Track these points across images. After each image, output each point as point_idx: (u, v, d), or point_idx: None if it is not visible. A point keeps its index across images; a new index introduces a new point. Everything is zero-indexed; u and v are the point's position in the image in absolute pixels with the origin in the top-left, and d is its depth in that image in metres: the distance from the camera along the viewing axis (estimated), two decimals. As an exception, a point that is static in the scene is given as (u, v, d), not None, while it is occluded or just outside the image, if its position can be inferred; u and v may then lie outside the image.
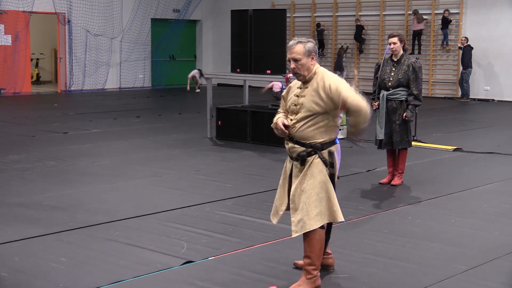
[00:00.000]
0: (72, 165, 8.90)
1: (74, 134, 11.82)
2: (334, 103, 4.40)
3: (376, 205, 6.96)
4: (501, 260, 5.21)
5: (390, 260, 5.14)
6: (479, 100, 19.15)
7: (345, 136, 5.03)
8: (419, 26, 19.89)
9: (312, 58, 4.48)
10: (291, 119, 4.53)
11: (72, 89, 21.19)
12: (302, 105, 4.46)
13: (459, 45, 18.98)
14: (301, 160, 4.49)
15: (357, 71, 18.62)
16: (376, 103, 7.79)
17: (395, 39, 7.58)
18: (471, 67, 18.67)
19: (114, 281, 4.65)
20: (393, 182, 7.89)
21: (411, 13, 20.23)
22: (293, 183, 4.56)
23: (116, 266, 4.95)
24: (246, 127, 11.04)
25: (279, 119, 4.58)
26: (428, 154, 10.06)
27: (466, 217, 6.47)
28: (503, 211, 6.73)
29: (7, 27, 19.97)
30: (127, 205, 6.80)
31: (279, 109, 4.75)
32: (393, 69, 7.64)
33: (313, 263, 4.50)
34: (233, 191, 7.44)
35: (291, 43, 4.52)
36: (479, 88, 19.35)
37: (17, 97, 19.53)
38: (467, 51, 18.45)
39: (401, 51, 7.65)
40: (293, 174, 4.57)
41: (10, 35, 20.07)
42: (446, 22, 19.44)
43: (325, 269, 4.85)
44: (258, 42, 11.00)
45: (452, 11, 19.51)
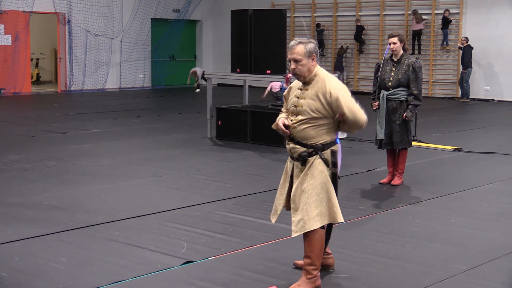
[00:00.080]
0: (72, 165, 8.90)
1: (74, 134, 11.82)
2: (332, 110, 4.42)
3: (376, 205, 6.96)
4: (501, 260, 5.21)
5: (390, 260, 5.14)
6: (479, 100, 19.15)
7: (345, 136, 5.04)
8: (418, 26, 19.88)
9: (313, 59, 4.46)
10: (291, 119, 4.53)
11: (72, 89, 21.19)
12: (302, 107, 4.46)
13: (459, 45, 18.98)
14: (302, 160, 4.49)
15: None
16: (376, 103, 7.79)
17: (395, 39, 7.58)
18: (471, 67, 18.67)
19: (114, 281, 4.65)
20: (393, 182, 7.89)
21: (410, 13, 20.24)
22: (294, 183, 4.56)
23: (116, 266, 4.95)
24: (246, 127, 11.03)
25: (280, 119, 4.58)
26: (428, 154, 10.06)
27: (466, 217, 6.47)
28: (503, 211, 6.73)
29: (7, 27, 19.96)
30: (127, 205, 6.80)
31: (282, 109, 4.75)
32: (393, 69, 7.64)
33: (313, 263, 4.50)
34: (233, 191, 7.44)
35: (292, 43, 4.50)
36: (479, 88, 19.35)
37: (17, 97, 19.53)
38: (467, 51, 18.45)
39: (401, 51, 7.65)
40: (294, 174, 4.57)
41: (10, 35, 20.07)
42: (446, 22, 19.43)
43: (325, 269, 4.85)
44: (258, 42, 11.00)
45: (452, 11, 19.50)
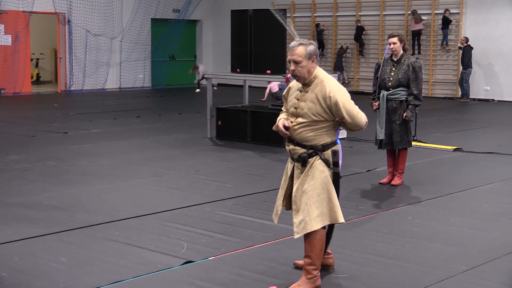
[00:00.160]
0: (72, 165, 8.90)
1: (74, 134, 11.82)
2: (332, 113, 4.42)
3: (376, 205, 6.96)
4: (501, 260, 5.21)
5: (390, 260, 5.14)
6: (479, 100, 19.15)
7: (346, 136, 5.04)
8: (417, 26, 19.87)
9: (313, 61, 4.45)
10: (291, 121, 4.53)
11: (72, 89, 21.18)
12: (303, 110, 4.45)
13: (459, 45, 18.98)
14: (302, 161, 4.49)
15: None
16: (376, 103, 7.79)
17: (395, 39, 7.58)
18: (471, 67, 18.67)
19: (114, 281, 4.65)
20: (393, 182, 7.89)
21: (410, 13, 20.23)
22: (294, 184, 4.56)
23: (116, 266, 4.95)
24: (246, 127, 11.03)
25: (280, 120, 4.58)
26: (428, 154, 10.06)
27: (466, 217, 6.47)
28: (503, 211, 6.73)
29: (7, 27, 19.96)
30: (127, 205, 6.80)
31: (282, 108, 4.76)
32: (393, 69, 7.64)
33: (313, 263, 4.50)
34: (233, 191, 7.44)
35: (292, 44, 4.49)
36: (479, 88, 19.34)
37: (17, 97, 19.53)
38: (467, 51, 18.45)
39: (401, 51, 7.65)
40: (295, 175, 4.57)
41: (10, 35, 20.07)
42: (446, 22, 19.43)
43: (325, 269, 4.85)
44: (258, 42, 11.00)
45: (452, 11, 19.49)
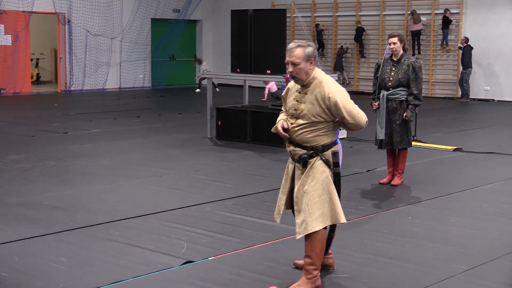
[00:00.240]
0: (72, 165, 8.90)
1: (74, 134, 11.82)
2: (332, 114, 4.42)
3: (376, 205, 6.96)
4: (501, 260, 5.21)
5: (390, 260, 5.14)
6: (479, 100, 19.15)
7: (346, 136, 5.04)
8: (417, 27, 19.86)
9: (311, 63, 4.45)
10: (291, 122, 4.53)
11: (72, 89, 21.18)
12: (303, 111, 4.45)
13: (459, 45, 18.98)
14: (303, 162, 4.48)
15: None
16: (376, 103, 7.79)
17: (395, 39, 7.58)
18: (471, 67, 18.67)
19: (114, 281, 4.65)
20: (393, 182, 7.89)
21: (409, 13, 20.23)
22: (295, 184, 4.56)
23: (116, 266, 4.95)
24: (246, 127, 11.03)
25: (279, 122, 4.58)
26: (428, 154, 10.06)
27: (466, 217, 6.47)
28: (503, 211, 6.73)
29: (7, 27, 19.96)
30: (127, 205, 6.80)
31: (282, 108, 4.75)
32: (393, 69, 7.64)
33: (313, 263, 4.50)
34: (233, 191, 7.44)
35: (291, 45, 4.48)
36: (479, 88, 19.35)
37: (17, 97, 19.53)
38: (467, 51, 18.45)
39: (401, 51, 7.65)
40: (296, 176, 4.57)
41: (10, 35, 20.07)
42: (446, 22, 19.42)
43: (325, 269, 4.85)
44: (258, 42, 10.99)
45: (452, 11, 19.49)
